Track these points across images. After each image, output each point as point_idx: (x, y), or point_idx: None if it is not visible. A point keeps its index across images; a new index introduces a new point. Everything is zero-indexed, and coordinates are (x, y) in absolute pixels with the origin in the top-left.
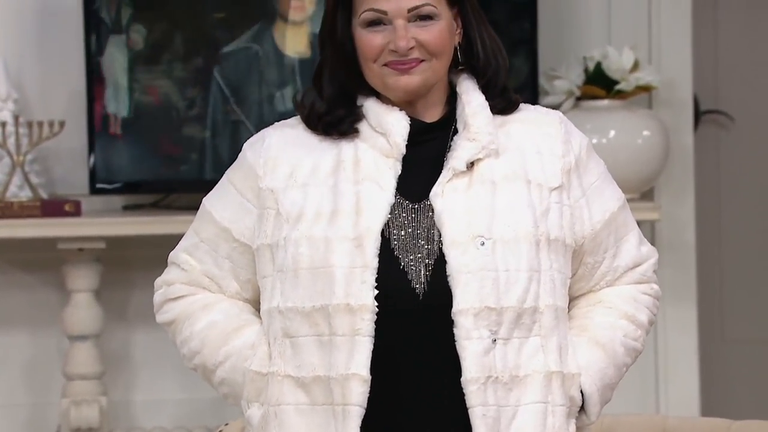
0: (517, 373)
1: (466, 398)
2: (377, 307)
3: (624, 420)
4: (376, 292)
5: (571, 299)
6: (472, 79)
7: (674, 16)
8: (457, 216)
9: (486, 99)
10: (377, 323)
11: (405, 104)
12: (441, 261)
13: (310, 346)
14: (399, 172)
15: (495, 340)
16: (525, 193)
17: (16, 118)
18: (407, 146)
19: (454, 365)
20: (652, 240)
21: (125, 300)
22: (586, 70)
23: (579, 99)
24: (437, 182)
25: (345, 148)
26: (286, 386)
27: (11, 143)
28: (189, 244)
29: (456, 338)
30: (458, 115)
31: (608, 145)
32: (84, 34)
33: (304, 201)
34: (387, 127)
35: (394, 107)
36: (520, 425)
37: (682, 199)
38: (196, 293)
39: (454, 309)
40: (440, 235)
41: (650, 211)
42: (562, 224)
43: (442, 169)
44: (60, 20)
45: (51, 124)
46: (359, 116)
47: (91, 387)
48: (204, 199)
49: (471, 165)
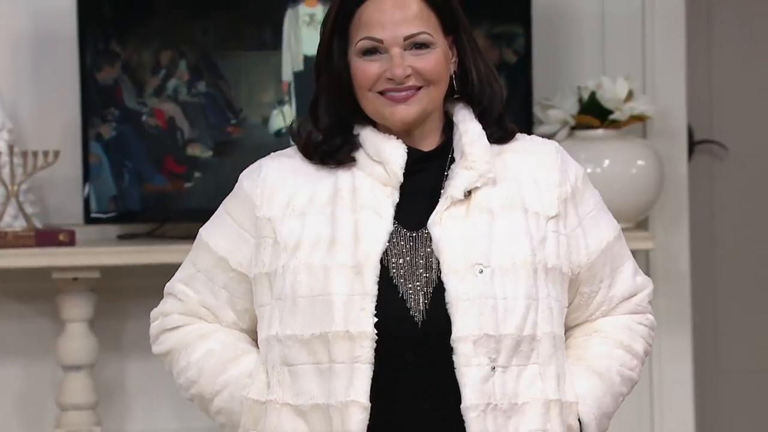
0: (516, 401)
1: (466, 425)
2: (376, 335)
3: None
4: (376, 320)
5: (567, 329)
6: (468, 108)
7: (668, 46)
8: (456, 244)
9: (482, 128)
10: (376, 351)
11: (402, 133)
12: (440, 288)
13: (309, 374)
14: (397, 201)
15: (494, 368)
16: (522, 222)
17: (11, 148)
18: (404, 175)
19: (454, 392)
20: (647, 269)
21: (120, 330)
22: (581, 100)
23: (573, 128)
24: (435, 210)
25: (342, 177)
26: (285, 415)
27: (6, 173)
28: (185, 275)
29: (455, 365)
30: (455, 144)
31: (603, 175)
32: (79, 64)
33: (302, 229)
34: (384, 156)
35: (391, 136)
36: None
37: (677, 229)
38: (193, 323)
39: (454, 336)
40: (439, 263)
41: (645, 241)
42: (559, 253)
43: (440, 198)
44: (54, 50)
45: (45, 154)
46: (356, 145)
47: (86, 417)
48: (200, 230)
49: (468, 193)
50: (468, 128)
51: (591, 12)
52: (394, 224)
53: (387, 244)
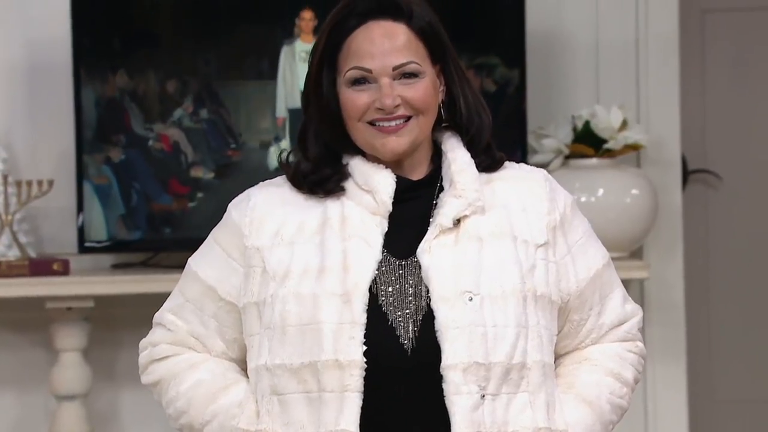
0: (506, 429)
1: None
2: (366, 363)
3: None
4: (365, 348)
5: (557, 357)
6: (457, 136)
7: (662, 76)
8: (445, 272)
9: (471, 156)
10: (366, 379)
11: (391, 162)
12: (429, 317)
13: (299, 403)
14: (386, 230)
15: (484, 396)
16: (511, 250)
17: (5, 178)
18: (393, 204)
19: (444, 421)
20: (641, 298)
21: (113, 359)
22: (575, 129)
23: (567, 157)
24: (424, 239)
25: (331, 206)
26: None
27: (0, 202)
28: (174, 305)
29: (445, 393)
30: (444, 173)
31: (597, 204)
32: (73, 94)
33: (291, 258)
34: (373, 185)
35: (380, 165)
36: None
37: (671, 258)
38: (182, 353)
39: (443, 364)
40: (428, 291)
41: (639, 270)
42: (548, 281)
43: (429, 226)
44: (49, 80)
45: (40, 183)
46: (345, 175)
47: None
48: (189, 259)
49: (457, 222)
50: (456, 157)
51: (585, 41)
52: (383, 253)
53: (376, 273)
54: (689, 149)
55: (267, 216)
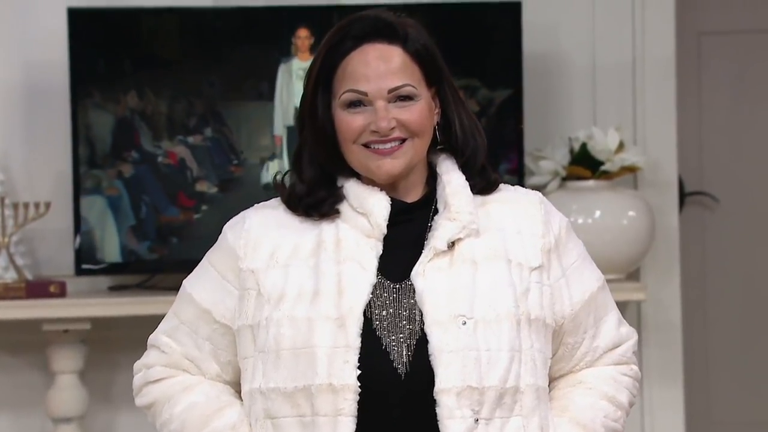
0: None
1: None
2: (360, 387)
3: None
4: (359, 372)
5: (551, 380)
6: (451, 159)
7: (659, 98)
8: (439, 295)
9: (465, 178)
10: (360, 403)
11: (386, 185)
12: (423, 341)
13: (292, 427)
14: (380, 252)
15: (477, 420)
16: (506, 273)
17: (2, 200)
18: (388, 226)
19: None
20: (638, 320)
21: (110, 381)
22: (572, 151)
23: (564, 179)
24: (418, 262)
25: (326, 229)
26: None
27: None
28: (169, 327)
29: (438, 417)
30: (438, 195)
31: (594, 226)
32: (71, 116)
33: (285, 281)
34: (368, 208)
35: (375, 188)
36: None
37: (668, 280)
38: (176, 375)
39: (437, 388)
40: (422, 315)
41: (636, 292)
42: (543, 304)
43: (423, 249)
44: (46, 102)
45: (37, 206)
46: (340, 197)
47: None
48: (184, 281)
49: (452, 245)
50: (451, 179)
51: (582, 63)
52: (378, 276)
53: (370, 296)
54: (686, 171)
55: (262, 238)
